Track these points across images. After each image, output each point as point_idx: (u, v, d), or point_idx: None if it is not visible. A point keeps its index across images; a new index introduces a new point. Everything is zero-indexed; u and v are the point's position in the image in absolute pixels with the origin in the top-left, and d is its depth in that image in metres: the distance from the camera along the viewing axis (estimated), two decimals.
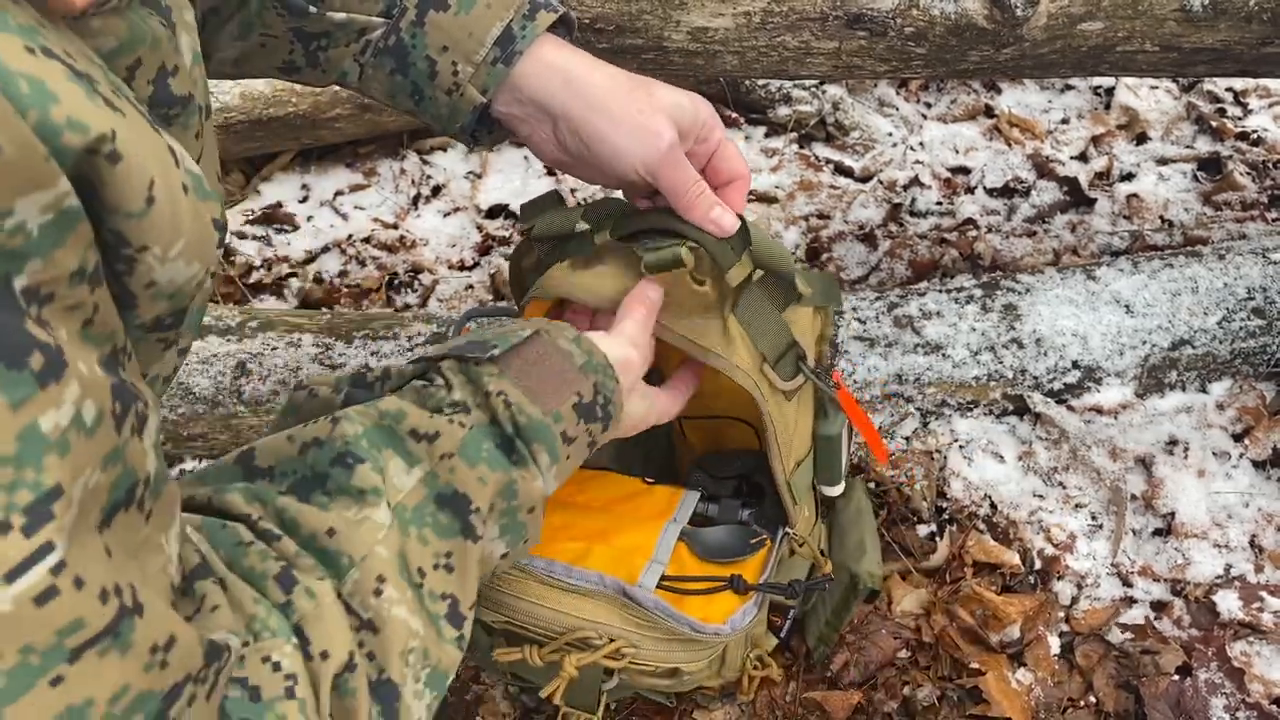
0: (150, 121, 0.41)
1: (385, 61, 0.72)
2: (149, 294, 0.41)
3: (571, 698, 0.88)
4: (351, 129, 1.69)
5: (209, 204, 0.44)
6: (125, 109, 0.39)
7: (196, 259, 0.43)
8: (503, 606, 0.83)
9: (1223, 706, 0.99)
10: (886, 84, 1.88)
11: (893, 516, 1.17)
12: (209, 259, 0.44)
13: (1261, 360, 1.25)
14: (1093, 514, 1.17)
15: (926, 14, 1.03)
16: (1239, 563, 1.11)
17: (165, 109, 0.47)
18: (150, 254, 0.40)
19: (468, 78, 0.71)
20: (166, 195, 0.39)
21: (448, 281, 1.55)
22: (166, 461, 1.22)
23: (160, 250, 0.40)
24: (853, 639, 1.04)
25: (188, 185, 0.42)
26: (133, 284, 0.40)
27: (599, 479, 0.95)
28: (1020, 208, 1.63)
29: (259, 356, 1.22)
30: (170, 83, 0.47)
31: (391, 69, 0.72)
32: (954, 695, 1.02)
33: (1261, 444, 1.20)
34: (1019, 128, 1.78)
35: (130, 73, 0.44)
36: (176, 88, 0.47)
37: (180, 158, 0.42)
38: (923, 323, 1.24)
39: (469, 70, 0.70)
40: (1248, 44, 1.13)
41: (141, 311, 0.42)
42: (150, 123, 0.41)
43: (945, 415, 1.24)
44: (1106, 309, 1.24)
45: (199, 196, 0.43)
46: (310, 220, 1.67)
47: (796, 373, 0.84)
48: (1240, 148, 1.71)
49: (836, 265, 1.54)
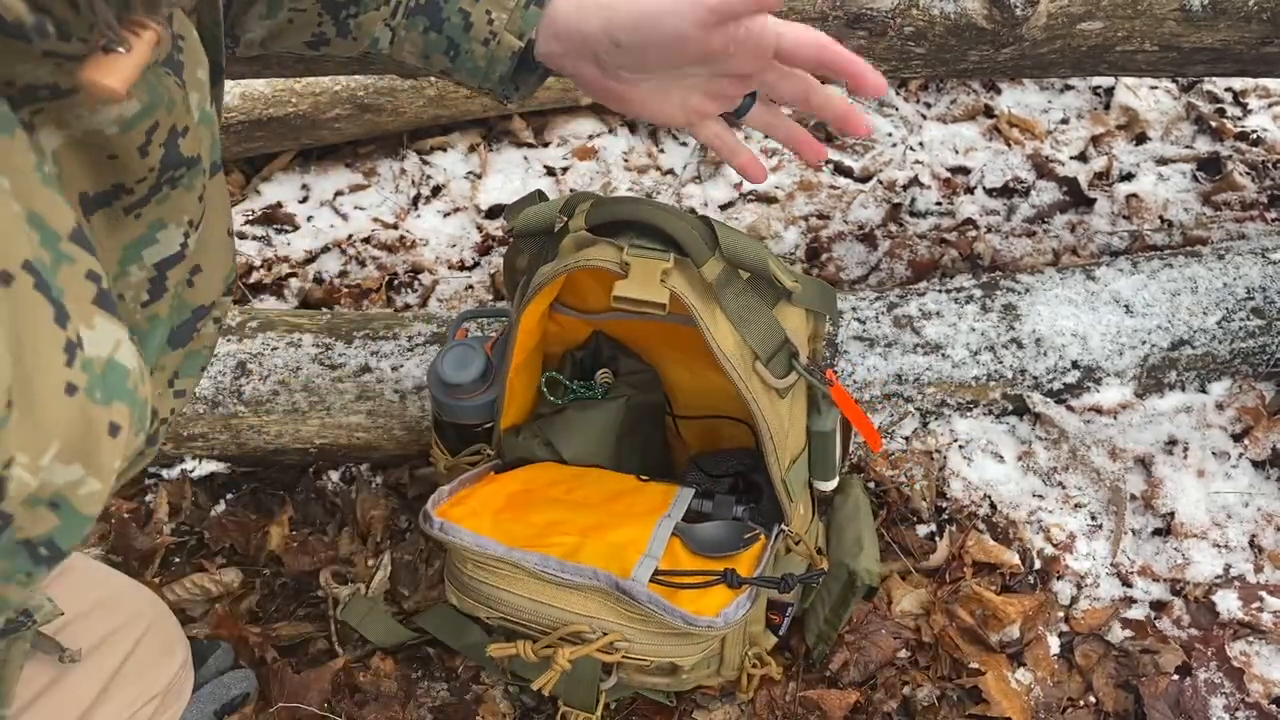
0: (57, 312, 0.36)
1: (418, 21, 0.71)
2: (31, 511, 0.37)
3: (570, 697, 0.88)
4: (351, 129, 1.69)
5: (111, 408, 0.39)
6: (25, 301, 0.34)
7: (77, 460, 0.38)
8: (496, 602, 0.83)
9: (1222, 706, 0.99)
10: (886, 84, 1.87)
11: (892, 516, 1.17)
12: (95, 465, 0.39)
13: (1261, 360, 1.25)
14: (1092, 514, 1.17)
15: (926, 14, 1.03)
16: (1238, 563, 1.11)
17: (173, 171, 0.46)
18: (17, 465, 0.35)
19: (503, 25, 0.69)
20: (28, 397, 0.35)
21: (448, 281, 1.55)
22: (167, 461, 1.22)
23: (28, 458, 0.35)
24: (852, 638, 1.04)
25: (77, 386, 0.37)
26: (7, 505, 0.36)
27: (593, 476, 0.95)
28: (1020, 208, 1.63)
29: (259, 356, 1.22)
30: (180, 144, 0.45)
31: (425, 27, 0.71)
32: (954, 695, 1.02)
33: (1261, 444, 1.20)
34: (1019, 128, 1.78)
35: (148, 136, 0.43)
36: (185, 149, 0.46)
37: (84, 352, 0.37)
38: (922, 323, 1.24)
39: (503, 17, 0.69)
40: (1247, 44, 1.13)
41: (25, 531, 0.37)
42: (57, 313, 0.36)
43: (945, 415, 1.24)
44: (1106, 309, 1.24)
45: (97, 399, 0.38)
46: (310, 220, 1.67)
47: (789, 370, 0.84)
48: (1240, 148, 1.71)
49: (836, 265, 1.54)
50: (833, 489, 1.02)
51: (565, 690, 0.88)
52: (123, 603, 0.83)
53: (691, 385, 1.05)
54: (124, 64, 0.37)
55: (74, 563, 0.81)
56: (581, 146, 1.78)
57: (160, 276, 0.47)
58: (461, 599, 0.86)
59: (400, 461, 1.24)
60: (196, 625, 1.11)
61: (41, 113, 0.39)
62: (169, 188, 0.45)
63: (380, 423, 1.20)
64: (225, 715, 1.00)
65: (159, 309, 0.47)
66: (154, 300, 0.47)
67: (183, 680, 0.85)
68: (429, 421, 1.19)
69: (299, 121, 1.64)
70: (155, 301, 0.47)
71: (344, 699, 1.04)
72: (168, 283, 0.47)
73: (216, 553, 1.19)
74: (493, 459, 0.99)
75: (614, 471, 0.97)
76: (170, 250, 0.47)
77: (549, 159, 1.77)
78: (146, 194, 0.44)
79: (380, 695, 1.04)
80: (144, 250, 0.46)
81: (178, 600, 1.12)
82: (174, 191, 0.46)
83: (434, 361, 0.98)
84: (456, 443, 1.01)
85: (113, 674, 0.77)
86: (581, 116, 1.83)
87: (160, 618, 0.85)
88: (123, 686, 0.78)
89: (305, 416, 1.20)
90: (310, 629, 1.11)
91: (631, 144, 1.79)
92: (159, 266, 0.46)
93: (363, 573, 1.15)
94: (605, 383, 1.01)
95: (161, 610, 0.86)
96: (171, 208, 0.46)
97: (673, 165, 1.75)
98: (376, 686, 1.05)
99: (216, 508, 1.23)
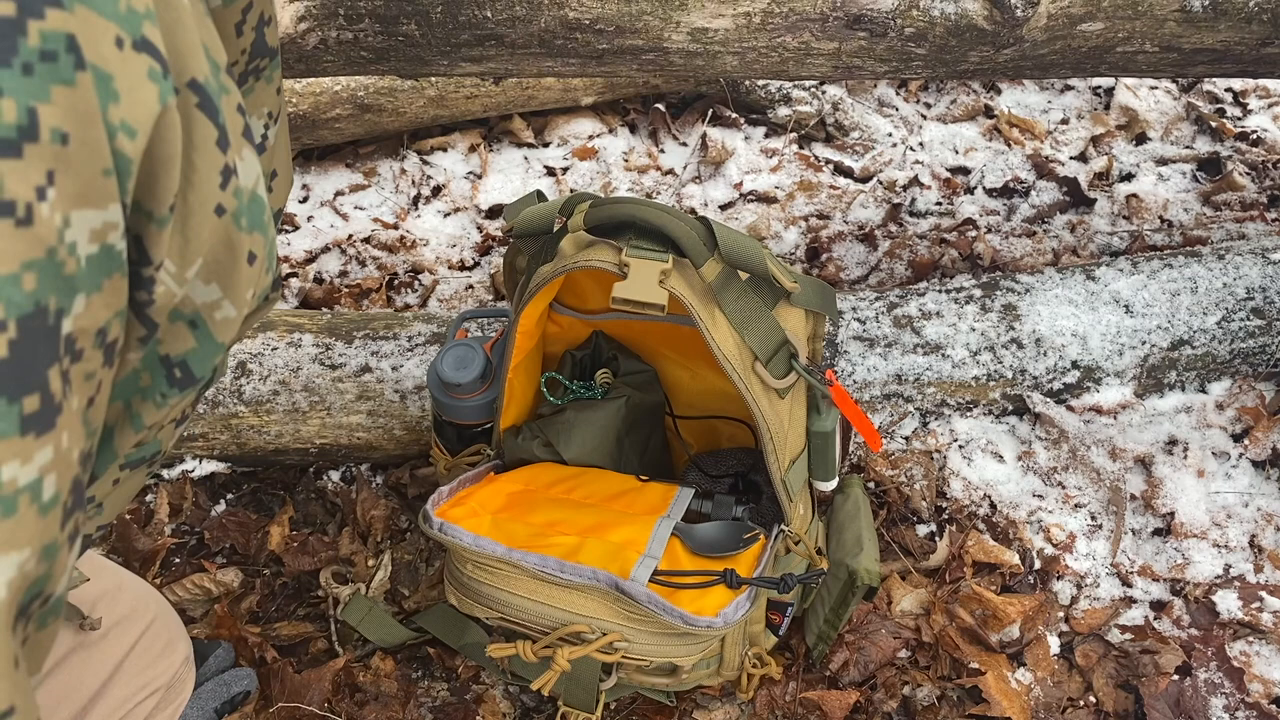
0: (220, 135, 0.38)
1: None
2: (171, 325, 0.39)
3: (570, 697, 0.88)
4: (351, 129, 1.70)
5: (253, 237, 0.41)
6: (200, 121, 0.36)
7: (215, 280, 0.40)
8: (496, 602, 0.83)
9: (1222, 706, 0.99)
10: (886, 84, 1.88)
11: (892, 516, 1.17)
12: (233, 289, 0.41)
13: (1261, 360, 1.25)
14: (1092, 514, 1.17)
15: (926, 15, 1.03)
16: (1238, 563, 1.11)
17: (259, 59, 0.47)
18: (165, 271, 0.37)
19: None
20: (184, 208, 0.37)
21: (448, 281, 1.56)
22: (167, 461, 1.22)
23: (175, 268, 0.38)
24: (852, 638, 1.04)
25: (227, 209, 0.39)
26: (154, 312, 0.38)
27: (593, 476, 0.95)
28: (1020, 208, 1.63)
29: (259, 356, 1.22)
30: (265, 32, 0.46)
31: None
32: (954, 695, 1.02)
33: (1261, 444, 1.20)
34: (1019, 128, 1.78)
35: (244, 15, 0.44)
36: (270, 38, 0.47)
37: (238, 180, 0.40)
38: (922, 323, 1.24)
39: None
40: (1248, 44, 1.13)
41: (165, 346, 0.40)
42: (220, 137, 0.38)
43: (945, 415, 1.24)
44: (1106, 309, 1.24)
45: (242, 226, 0.40)
46: (310, 220, 1.67)
47: (789, 370, 0.84)
48: (1240, 148, 1.71)
49: (836, 265, 1.54)
50: (832, 489, 1.02)
51: (565, 690, 0.88)
52: (127, 596, 0.83)
53: (691, 385, 1.05)
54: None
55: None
56: (581, 146, 1.78)
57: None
58: (461, 599, 0.86)
59: (400, 461, 1.24)
60: (197, 625, 1.11)
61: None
62: (254, 79, 0.47)
63: (380, 423, 1.20)
64: (226, 714, 1.00)
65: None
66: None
67: (184, 676, 0.86)
68: (429, 421, 1.19)
69: (299, 121, 1.64)
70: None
71: (344, 699, 1.04)
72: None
73: (216, 553, 1.19)
74: (493, 459, 0.99)
75: (614, 471, 0.97)
76: (254, 141, 0.48)
77: (549, 159, 1.77)
78: (236, 81, 0.45)
79: (380, 695, 1.04)
80: None
81: (178, 600, 1.12)
82: (258, 84, 0.47)
83: (434, 361, 0.98)
84: (456, 443, 1.01)
85: (116, 666, 0.78)
86: (581, 116, 1.83)
87: (163, 614, 0.85)
88: (125, 679, 0.78)
89: (305, 416, 1.20)
90: (310, 629, 1.11)
91: (631, 144, 1.80)
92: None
93: (363, 573, 1.15)
94: (605, 383, 1.01)
95: (164, 607, 0.86)
96: (255, 100, 0.47)
97: (673, 165, 1.75)
98: (376, 686, 1.05)
99: (217, 508, 1.23)
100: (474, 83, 1.69)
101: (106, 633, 0.78)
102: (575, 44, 1.01)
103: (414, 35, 0.99)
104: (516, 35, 1.00)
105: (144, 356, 0.39)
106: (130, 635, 0.80)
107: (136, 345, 0.39)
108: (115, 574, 0.86)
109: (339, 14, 0.98)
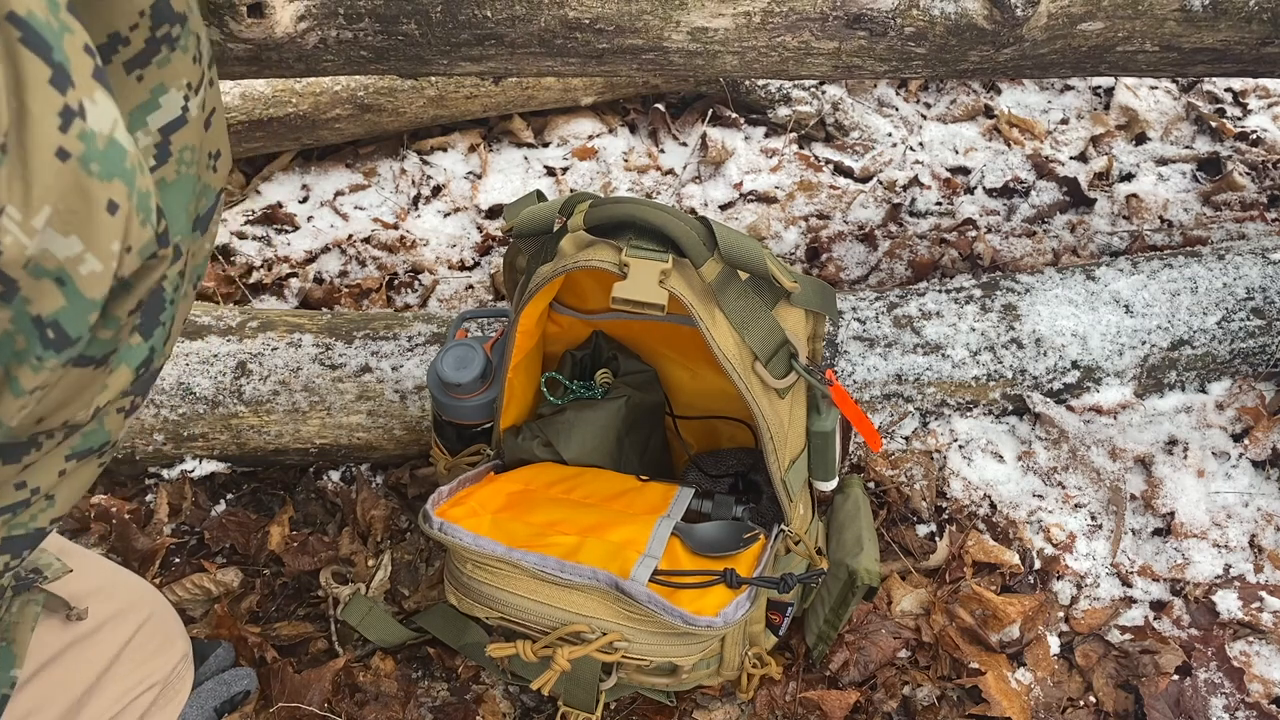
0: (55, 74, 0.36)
1: None
2: (36, 282, 0.38)
3: (570, 697, 0.88)
4: (351, 129, 1.69)
5: (111, 184, 0.39)
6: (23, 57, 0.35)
7: (74, 231, 0.38)
8: (496, 601, 0.83)
9: (1222, 706, 0.99)
10: (886, 84, 1.88)
11: (892, 516, 1.17)
12: (94, 241, 0.39)
13: (1261, 360, 1.25)
14: (1092, 514, 1.17)
15: (926, 14, 1.03)
16: (1238, 563, 1.11)
17: (166, 26, 0.46)
18: (9, 218, 0.35)
19: None
20: (20, 151, 0.35)
21: (448, 281, 1.56)
22: (167, 461, 1.22)
23: (20, 215, 0.36)
24: (852, 638, 1.04)
25: (70, 152, 0.37)
26: (6, 265, 0.36)
27: (593, 476, 0.95)
28: (1020, 208, 1.63)
29: (259, 356, 1.22)
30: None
31: None
32: (954, 695, 1.02)
33: (1261, 444, 1.20)
34: (1019, 128, 1.78)
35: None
36: (176, 4, 0.46)
37: (84, 123, 0.37)
38: (922, 323, 1.24)
39: None
40: (1248, 44, 1.13)
41: (34, 305, 0.39)
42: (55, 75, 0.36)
43: (945, 415, 1.24)
44: (1106, 309, 1.24)
45: (94, 173, 0.38)
46: (310, 220, 1.67)
47: (789, 370, 0.84)
48: (1240, 148, 1.71)
49: (836, 265, 1.54)
50: (832, 489, 1.02)
51: (565, 690, 0.88)
52: (122, 591, 0.83)
53: (691, 385, 1.05)
54: None
55: (73, 550, 0.81)
56: (581, 146, 1.78)
57: (165, 141, 0.48)
58: (461, 599, 0.86)
59: (400, 461, 1.24)
60: (197, 625, 1.11)
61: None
62: (167, 48, 0.46)
63: (380, 423, 1.20)
64: (226, 713, 1.00)
65: (165, 173, 0.49)
66: (159, 164, 0.48)
67: (183, 673, 0.85)
68: (429, 421, 1.19)
69: (299, 121, 1.64)
70: (161, 166, 0.48)
71: (344, 699, 1.04)
72: (171, 147, 0.48)
73: (216, 553, 1.19)
74: (493, 459, 0.99)
75: (614, 471, 0.97)
76: (172, 115, 0.48)
77: (549, 159, 1.77)
78: (144, 49, 0.45)
79: (380, 695, 1.04)
80: (148, 115, 0.47)
81: (178, 600, 1.12)
82: (172, 54, 0.46)
83: (434, 361, 0.98)
84: (456, 443, 1.01)
85: (111, 660, 0.78)
86: (581, 116, 1.83)
87: (161, 611, 0.85)
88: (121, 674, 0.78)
89: (305, 416, 1.20)
90: (310, 629, 1.11)
91: (631, 144, 1.80)
92: (163, 131, 0.48)
93: (363, 573, 1.15)
94: (605, 383, 1.01)
95: (162, 604, 0.86)
96: (171, 71, 0.47)
97: (673, 165, 1.75)
98: (376, 686, 1.05)
99: (216, 508, 1.23)
100: (474, 83, 1.69)
101: (100, 627, 0.78)
102: (575, 43, 1.01)
103: (414, 35, 0.99)
104: (516, 35, 1.00)
105: (13, 317, 0.39)
106: (125, 630, 0.80)
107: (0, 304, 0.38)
108: (112, 572, 0.86)
109: (339, 13, 0.98)
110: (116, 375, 0.46)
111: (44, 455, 0.46)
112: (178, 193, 0.49)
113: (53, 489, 0.47)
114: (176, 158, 0.48)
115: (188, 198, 0.50)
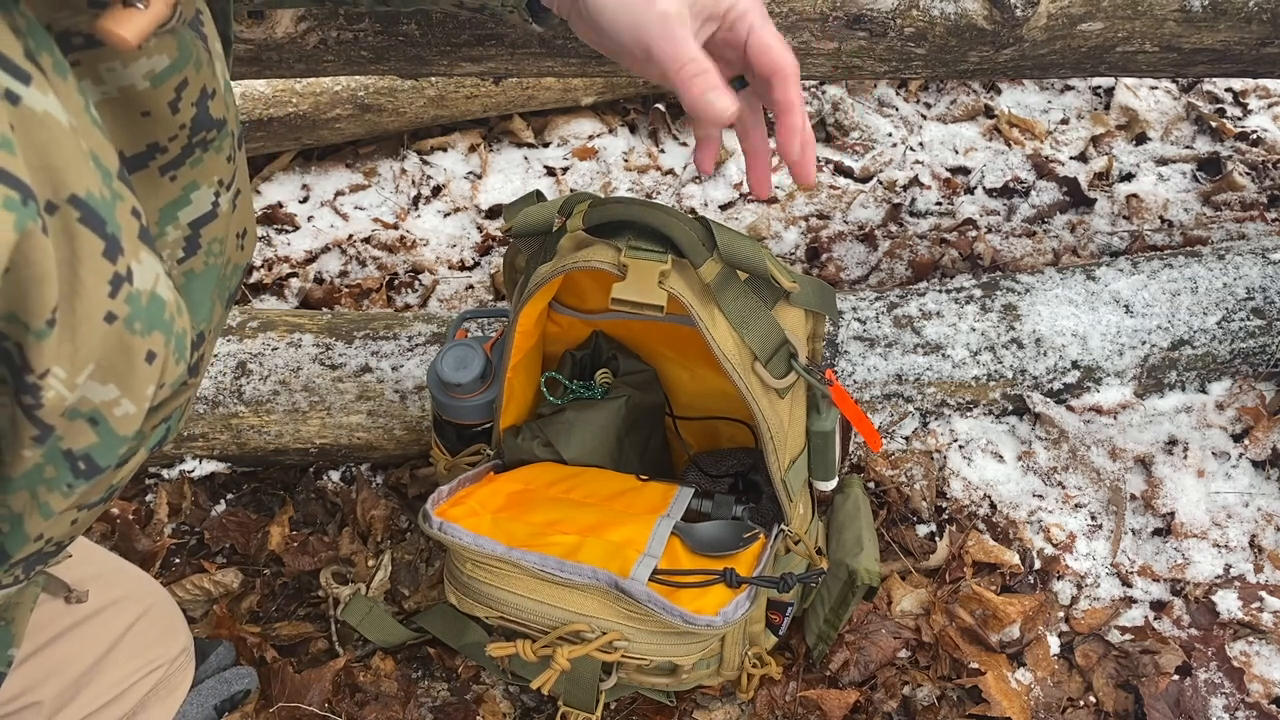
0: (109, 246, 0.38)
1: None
2: (70, 423, 0.40)
3: (570, 696, 0.88)
4: (352, 129, 1.70)
5: (150, 338, 0.41)
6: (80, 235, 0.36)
7: (112, 381, 0.40)
8: (496, 601, 0.83)
9: (1222, 706, 0.99)
10: (886, 84, 1.88)
11: (892, 516, 1.17)
12: (131, 389, 0.41)
13: (1261, 360, 1.25)
14: (1092, 514, 1.17)
15: (926, 14, 1.03)
16: (1239, 563, 1.11)
17: (204, 132, 0.47)
18: (54, 377, 0.38)
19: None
20: (70, 319, 0.37)
21: (448, 281, 1.56)
22: (167, 461, 1.22)
23: (65, 374, 0.38)
24: (852, 638, 1.04)
25: (117, 315, 0.39)
26: (45, 415, 0.38)
27: (593, 476, 0.95)
28: (1020, 208, 1.63)
29: (259, 356, 1.22)
30: (209, 105, 0.47)
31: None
32: (954, 695, 1.02)
33: (1261, 444, 1.20)
34: (1019, 128, 1.78)
35: (178, 93, 0.45)
36: (214, 110, 0.48)
37: (131, 286, 0.39)
38: (922, 323, 1.24)
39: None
40: (1247, 44, 1.13)
41: (66, 442, 0.40)
42: (108, 247, 0.38)
43: (945, 415, 1.24)
44: (1106, 309, 1.24)
45: (136, 330, 0.40)
46: (310, 220, 1.67)
47: (788, 370, 0.84)
48: (1240, 148, 1.71)
49: (836, 265, 1.54)
50: (832, 489, 1.02)
51: (565, 690, 0.88)
52: (123, 579, 0.83)
53: (691, 385, 1.05)
54: (139, 19, 0.39)
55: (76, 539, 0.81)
56: (581, 146, 1.78)
57: (194, 235, 0.49)
58: (461, 599, 0.86)
59: (400, 461, 1.24)
60: (197, 625, 1.11)
61: (79, 65, 0.40)
62: (201, 150, 0.47)
63: (380, 423, 1.20)
64: (226, 711, 1.00)
65: (194, 264, 0.50)
66: (189, 257, 0.50)
67: (184, 666, 0.86)
68: (429, 421, 1.19)
69: (299, 121, 1.64)
70: (190, 258, 0.50)
71: (344, 699, 1.04)
72: (200, 240, 0.50)
73: (216, 553, 1.19)
74: (493, 459, 0.99)
75: (614, 471, 0.97)
76: (203, 210, 0.49)
77: (549, 159, 1.77)
78: (180, 154, 0.46)
79: (380, 695, 1.04)
80: (179, 211, 0.48)
81: (178, 601, 1.12)
82: (205, 154, 0.48)
83: (434, 361, 0.98)
84: (456, 443, 1.01)
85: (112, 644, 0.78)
86: (581, 116, 1.83)
87: (163, 602, 0.86)
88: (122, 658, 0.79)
89: (305, 416, 1.20)
90: (310, 629, 1.11)
91: (631, 144, 1.80)
92: (193, 225, 0.49)
93: (363, 573, 1.15)
94: (605, 383, 1.01)
95: (163, 596, 0.87)
96: (204, 170, 0.48)
97: (673, 165, 1.75)
98: (376, 686, 1.05)
99: (216, 508, 1.23)
100: (474, 83, 1.69)
101: (100, 611, 0.78)
102: (575, 43, 1.01)
103: (414, 35, 0.99)
104: (516, 35, 1.00)
105: (45, 452, 0.41)
106: (125, 617, 0.80)
107: (31, 444, 0.40)
108: (113, 560, 0.86)
109: (339, 13, 0.98)
110: (134, 461, 0.48)
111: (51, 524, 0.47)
112: (204, 282, 0.51)
113: (63, 536, 0.49)
114: (205, 250, 0.50)
115: (214, 285, 0.52)
